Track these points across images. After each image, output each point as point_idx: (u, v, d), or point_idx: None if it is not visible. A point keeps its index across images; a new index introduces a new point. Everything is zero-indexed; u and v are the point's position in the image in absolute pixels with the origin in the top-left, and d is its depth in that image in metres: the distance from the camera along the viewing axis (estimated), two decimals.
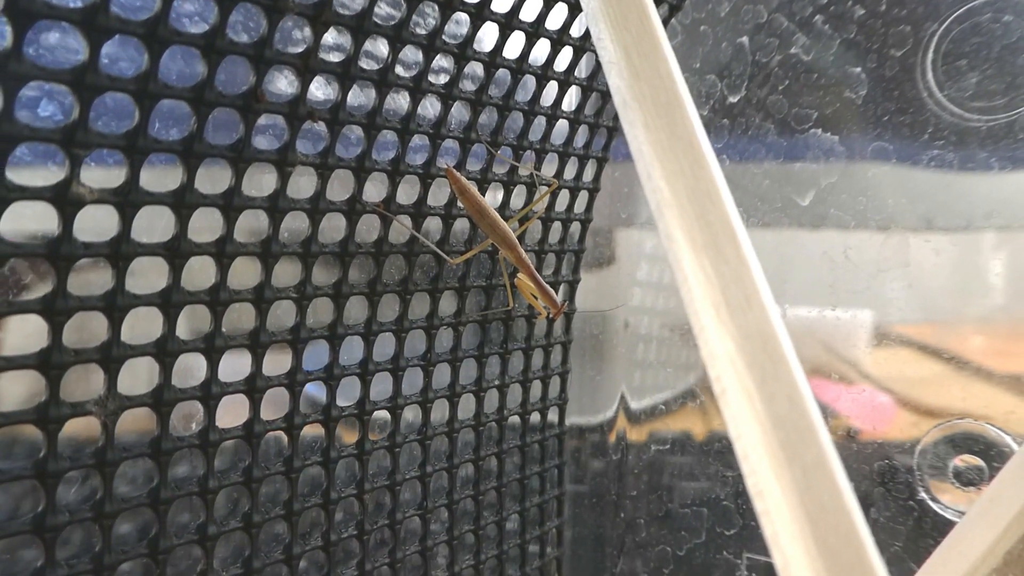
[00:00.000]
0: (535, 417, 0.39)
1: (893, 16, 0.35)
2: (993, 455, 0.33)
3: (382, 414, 0.31)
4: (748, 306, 0.21)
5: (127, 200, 0.22)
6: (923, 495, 0.35)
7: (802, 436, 0.20)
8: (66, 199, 0.21)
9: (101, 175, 0.22)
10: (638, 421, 0.44)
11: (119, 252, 0.22)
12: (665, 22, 0.37)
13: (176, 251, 0.23)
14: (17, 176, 0.20)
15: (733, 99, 0.39)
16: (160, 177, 0.23)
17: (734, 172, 0.40)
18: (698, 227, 0.22)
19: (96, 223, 0.22)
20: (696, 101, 0.41)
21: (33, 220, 0.22)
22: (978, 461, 0.33)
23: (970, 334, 0.36)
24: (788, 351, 0.21)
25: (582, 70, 0.35)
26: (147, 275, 0.24)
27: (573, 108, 0.36)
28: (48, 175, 0.21)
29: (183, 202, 0.23)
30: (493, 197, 0.34)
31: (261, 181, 0.26)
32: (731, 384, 0.21)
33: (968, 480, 0.34)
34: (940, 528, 0.34)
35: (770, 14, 0.38)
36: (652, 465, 0.43)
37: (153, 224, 0.23)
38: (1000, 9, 0.33)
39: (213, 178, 0.24)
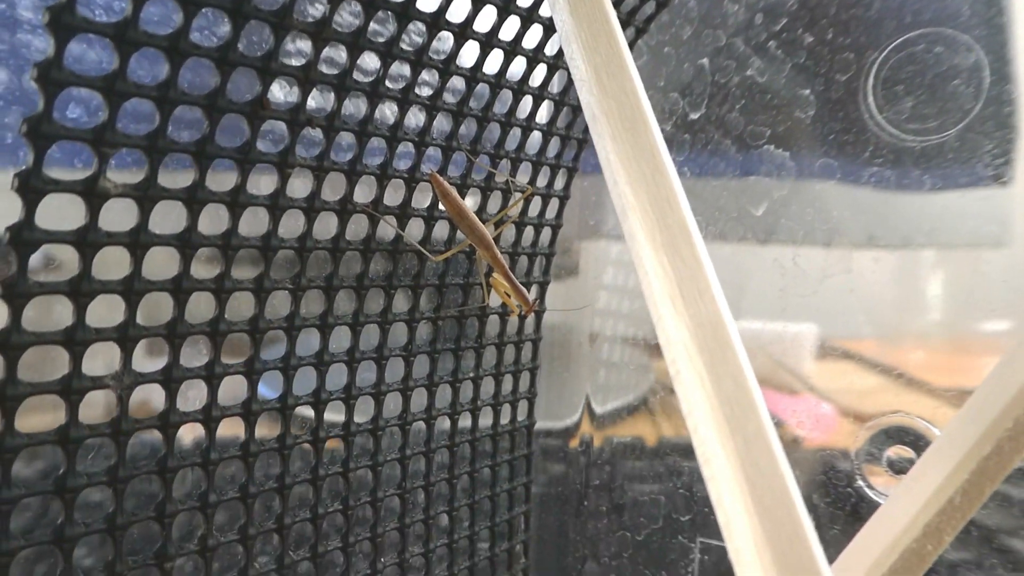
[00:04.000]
0: (506, 410, 0.42)
1: (838, 44, 0.38)
2: (922, 446, 0.37)
3: (365, 399, 0.34)
4: (701, 299, 0.24)
5: (146, 195, 0.24)
6: (860, 482, 0.38)
7: (744, 411, 0.23)
8: (94, 192, 0.23)
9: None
10: (602, 421, 0.47)
11: (138, 241, 0.25)
12: (631, 44, 0.40)
13: (187, 242, 0.26)
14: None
15: (694, 116, 0.42)
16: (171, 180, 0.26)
17: (695, 184, 0.43)
18: (658, 228, 0.25)
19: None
20: (660, 117, 0.45)
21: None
22: (909, 452, 0.37)
23: (911, 349, 0.39)
24: (735, 338, 0.24)
25: (555, 86, 0.38)
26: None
27: (546, 121, 0.38)
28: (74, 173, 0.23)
29: (195, 198, 0.26)
30: (471, 201, 0.36)
31: (259, 183, 0.28)
32: (684, 366, 0.24)
33: (900, 468, 0.37)
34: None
35: (728, 39, 0.41)
36: (614, 459, 0.45)
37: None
38: (933, 41, 0.36)
39: (219, 181, 0.27)
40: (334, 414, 0.33)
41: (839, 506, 0.38)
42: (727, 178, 0.42)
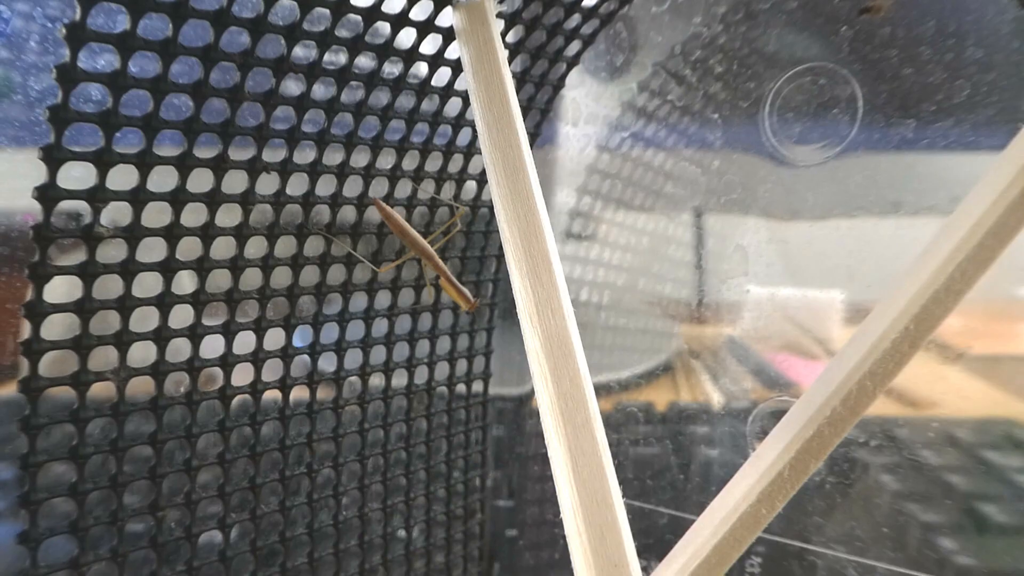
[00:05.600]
0: (464, 389, 0.49)
1: (742, 74, 0.44)
2: None
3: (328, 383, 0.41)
4: (552, 316, 0.31)
5: (132, 234, 0.32)
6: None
7: (577, 405, 0.30)
8: (91, 236, 0.31)
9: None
10: None
11: (127, 269, 0.32)
12: (564, 76, 0.46)
13: (168, 267, 0.34)
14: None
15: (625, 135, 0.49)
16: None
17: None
18: (525, 258, 0.32)
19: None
20: (601, 136, 0.50)
21: None
22: None
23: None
24: (576, 347, 0.31)
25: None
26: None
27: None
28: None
29: (172, 233, 0.33)
30: (420, 218, 0.43)
31: (229, 213, 0.36)
32: (535, 368, 0.30)
33: None
34: None
35: (653, 68, 0.47)
36: None
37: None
38: (818, 74, 0.41)
39: (194, 213, 0.34)
40: (301, 392, 0.40)
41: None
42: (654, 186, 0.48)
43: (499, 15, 0.39)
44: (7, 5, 0.41)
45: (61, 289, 0.31)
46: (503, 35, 0.41)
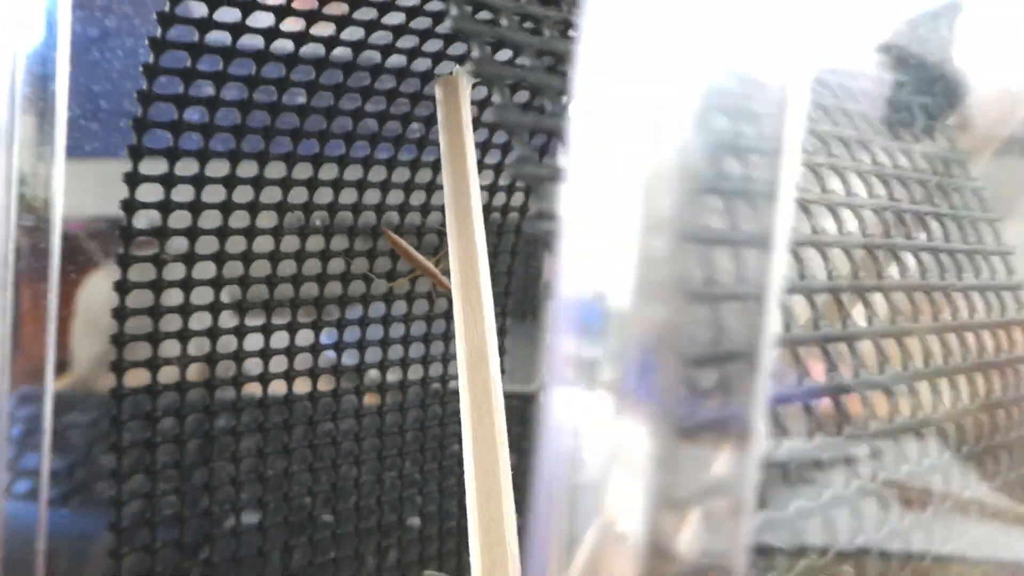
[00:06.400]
0: None
1: None
2: None
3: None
4: (476, 331, 0.40)
5: (189, 258, 0.44)
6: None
7: (483, 399, 0.39)
8: (157, 260, 0.43)
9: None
10: None
11: (186, 284, 0.44)
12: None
13: (216, 283, 0.45)
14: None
15: None
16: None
17: None
18: (463, 285, 0.41)
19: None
20: None
21: None
22: None
23: None
24: (492, 356, 0.39)
25: (497, 156, 0.54)
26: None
27: (488, 183, 0.54)
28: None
29: (219, 258, 0.45)
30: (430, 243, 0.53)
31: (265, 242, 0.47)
32: (461, 376, 0.40)
33: None
34: None
35: None
36: None
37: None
38: None
39: (236, 243, 0.46)
40: (326, 384, 0.52)
41: None
42: None
43: (476, 84, 0.48)
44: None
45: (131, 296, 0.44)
46: (488, 96, 0.50)
